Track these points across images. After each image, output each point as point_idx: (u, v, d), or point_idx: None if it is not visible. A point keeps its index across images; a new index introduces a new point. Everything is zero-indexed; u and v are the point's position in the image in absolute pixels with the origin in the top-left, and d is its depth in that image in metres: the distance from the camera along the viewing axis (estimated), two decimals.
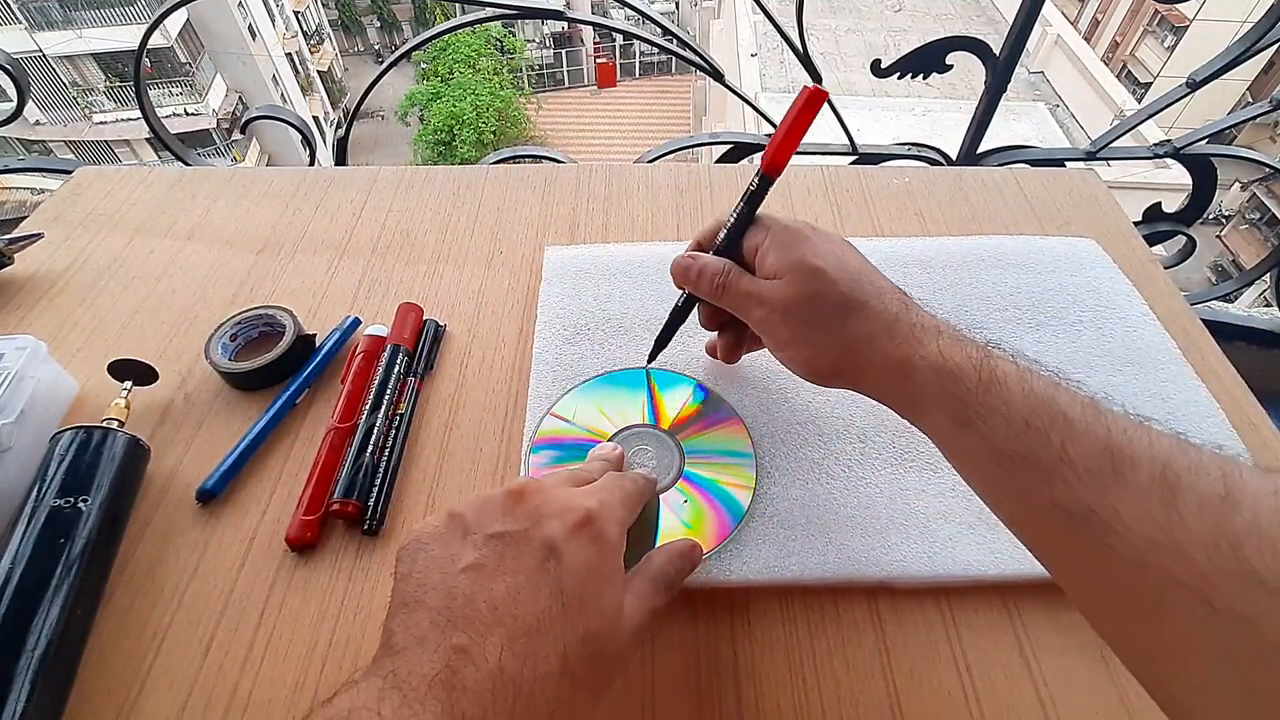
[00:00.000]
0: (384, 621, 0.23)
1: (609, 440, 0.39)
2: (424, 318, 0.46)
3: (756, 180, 0.34)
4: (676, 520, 0.36)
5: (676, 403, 0.41)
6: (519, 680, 0.22)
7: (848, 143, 0.78)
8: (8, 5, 9.18)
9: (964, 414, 0.26)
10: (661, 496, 0.36)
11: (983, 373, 0.26)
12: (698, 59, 0.72)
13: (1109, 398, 0.25)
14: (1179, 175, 0.89)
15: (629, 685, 0.32)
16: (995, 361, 0.27)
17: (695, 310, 0.39)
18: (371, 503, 0.37)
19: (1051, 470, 0.23)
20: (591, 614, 0.24)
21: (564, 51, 14.48)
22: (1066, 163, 0.77)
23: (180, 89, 10.51)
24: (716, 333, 0.40)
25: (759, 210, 0.35)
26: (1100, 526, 0.22)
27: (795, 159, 0.84)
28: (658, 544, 0.34)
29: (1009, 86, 0.72)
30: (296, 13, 12.82)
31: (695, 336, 0.44)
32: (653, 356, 0.41)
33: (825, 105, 0.32)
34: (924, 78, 0.72)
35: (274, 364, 0.42)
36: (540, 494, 0.27)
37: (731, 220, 0.35)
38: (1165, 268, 0.51)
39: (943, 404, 0.27)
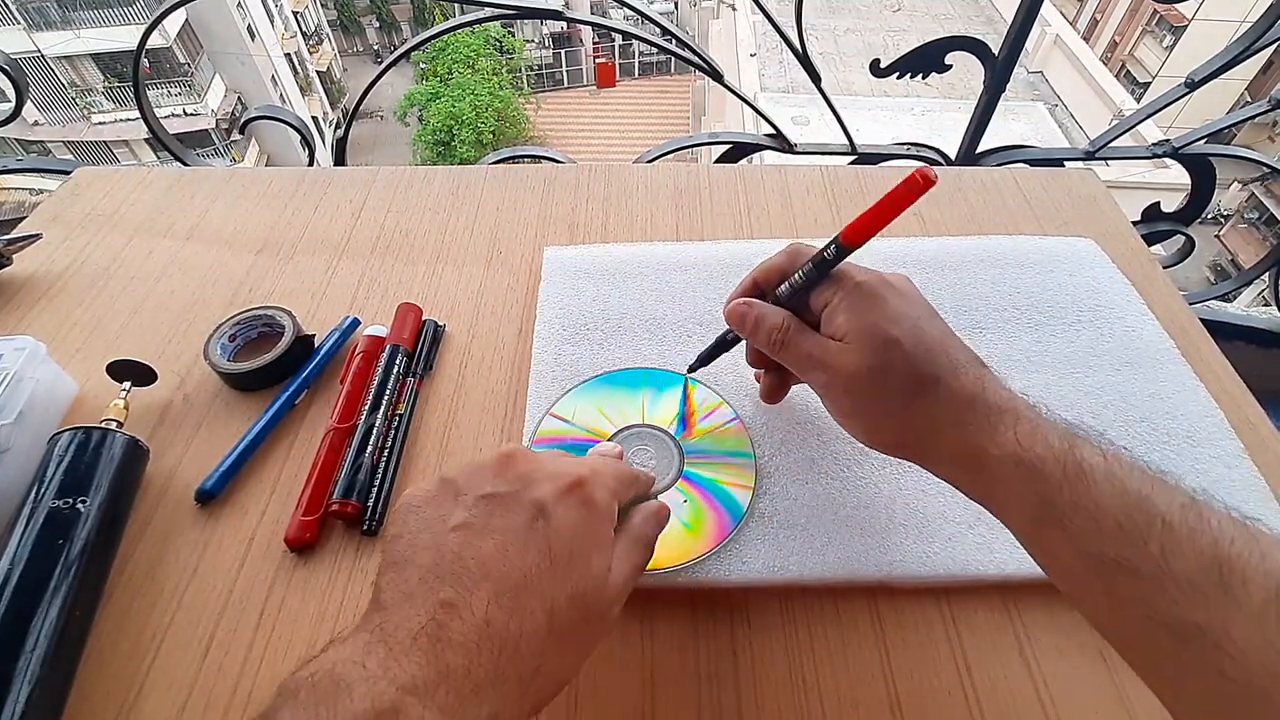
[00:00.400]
0: (374, 579, 0.24)
1: (608, 440, 0.39)
2: (423, 318, 0.46)
3: (833, 249, 0.30)
4: (676, 520, 0.36)
5: (676, 403, 0.41)
6: (505, 634, 0.22)
7: (846, 142, 0.78)
8: (6, 6, 9.17)
9: (1046, 512, 0.24)
10: (661, 497, 0.36)
11: (1067, 466, 0.24)
12: (697, 59, 0.72)
13: (1207, 492, 0.23)
14: (1178, 175, 0.89)
15: (629, 685, 0.32)
16: (1080, 451, 0.25)
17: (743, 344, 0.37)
18: (371, 503, 0.37)
19: (1151, 582, 0.22)
20: (580, 574, 0.24)
21: (563, 51, 14.48)
22: (1065, 162, 0.77)
23: (179, 89, 10.51)
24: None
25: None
26: (1210, 649, 0.20)
27: (793, 159, 0.84)
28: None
29: (1008, 86, 0.72)
30: (295, 13, 12.81)
31: (699, 339, 0.44)
32: (694, 369, 0.40)
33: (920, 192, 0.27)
34: (923, 78, 0.72)
35: (273, 364, 0.42)
36: (531, 459, 0.27)
37: (799, 278, 0.32)
38: (1164, 267, 0.51)
39: (1021, 500, 0.25)
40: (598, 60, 14.57)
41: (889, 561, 0.34)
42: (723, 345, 0.38)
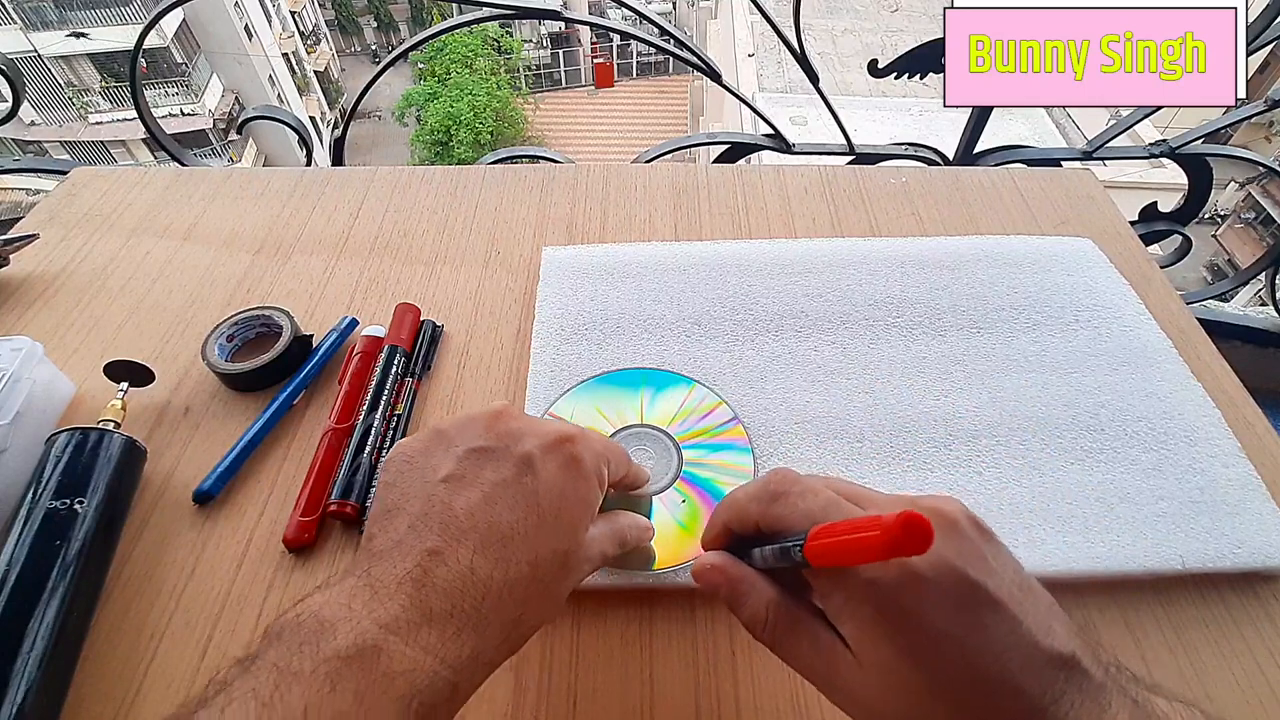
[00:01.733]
0: (365, 526, 0.24)
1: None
2: (421, 318, 0.46)
3: (799, 554, 0.21)
4: (674, 521, 0.36)
5: (675, 403, 0.41)
6: (489, 582, 0.22)
7: (845, 143, 0.78)
8: (4, 6, 9.15)
9: None
10: (659, 497, 0.36)
11: None
12: (695, 59, 0.72)
13: None
14: (1175, 175, 0.89)
15: (629, 685, 0.32)
16: None
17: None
18: (369, 503, 0.37)
19: None
20: (565, 532, 0.25)
21: (561, 51, 14.47)
22: (1063, 162, 0.77)
23: (176, 89, 10.48)
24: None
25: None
26: None
27: (791, 159, 0.84)
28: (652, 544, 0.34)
29: None
30: (293, 13, 12.79)
31: (697, 339, 0.44)
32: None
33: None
34: (921, 78, 0.72)
35: (271, 365, 0.42)
36: (521, 417, 0.27)
37: (770, 556, 0.24)
38: (1161, 267, 0.51)
39: None
40: (596, 60, 14.57)
41: None
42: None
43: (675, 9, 13.82)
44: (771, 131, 0.77)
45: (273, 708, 0.18)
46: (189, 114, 10.53)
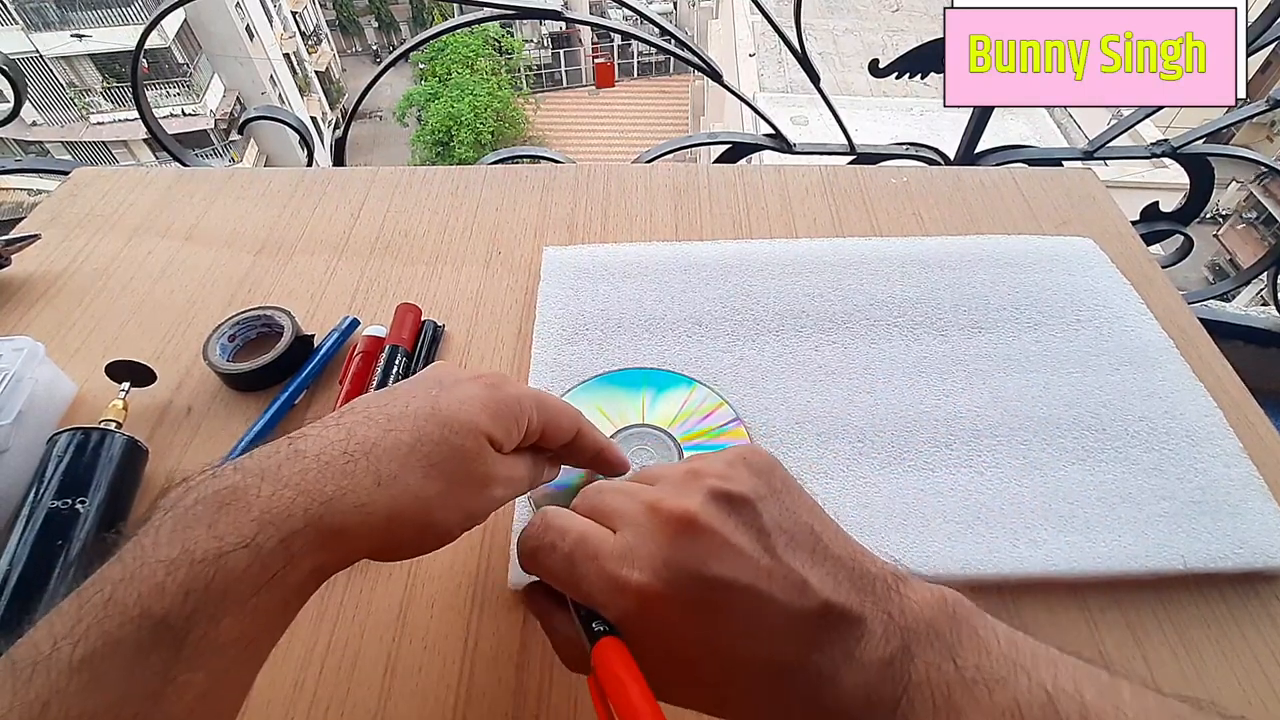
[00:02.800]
0: None
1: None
2: (422, 318, 0.46)
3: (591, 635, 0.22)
4: None
5: (676, 404, 0.41)
6: (365, 440, 0.23)
7: (846, 143, 0.78)
8: (5, 7, 9.16)
9: None
10: None
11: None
12: (695, 59, 0.72)
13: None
14: (1176, 175, 0.89)
15: None
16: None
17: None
18: None
19: None
20: (462, 429, 0.24)
21: (562, 52, 14.47)
22: (1064, 162, 0.77)
23: (178, 89, 10.49)
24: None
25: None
26: None
27: (792, 159, 0.84)
28: None
29: None
30: (294, 13, 12.81)
31: (699, 339, 0.44)
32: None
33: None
34: (922, 78, 0.72)
35: (272, 365, 0.42)
36: (491, 372, 0.28)
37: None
38: (1163, 267, 0.51)
39: None
40: (597, 60, 14.57)
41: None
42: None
43: (676, 9, 13.83)
44: (772, 131, 0.77)
45: (125, 554, 0.20)
46: (190, 114, 10.55)
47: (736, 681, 0.21)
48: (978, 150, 0.78)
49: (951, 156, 0.79)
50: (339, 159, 0.79)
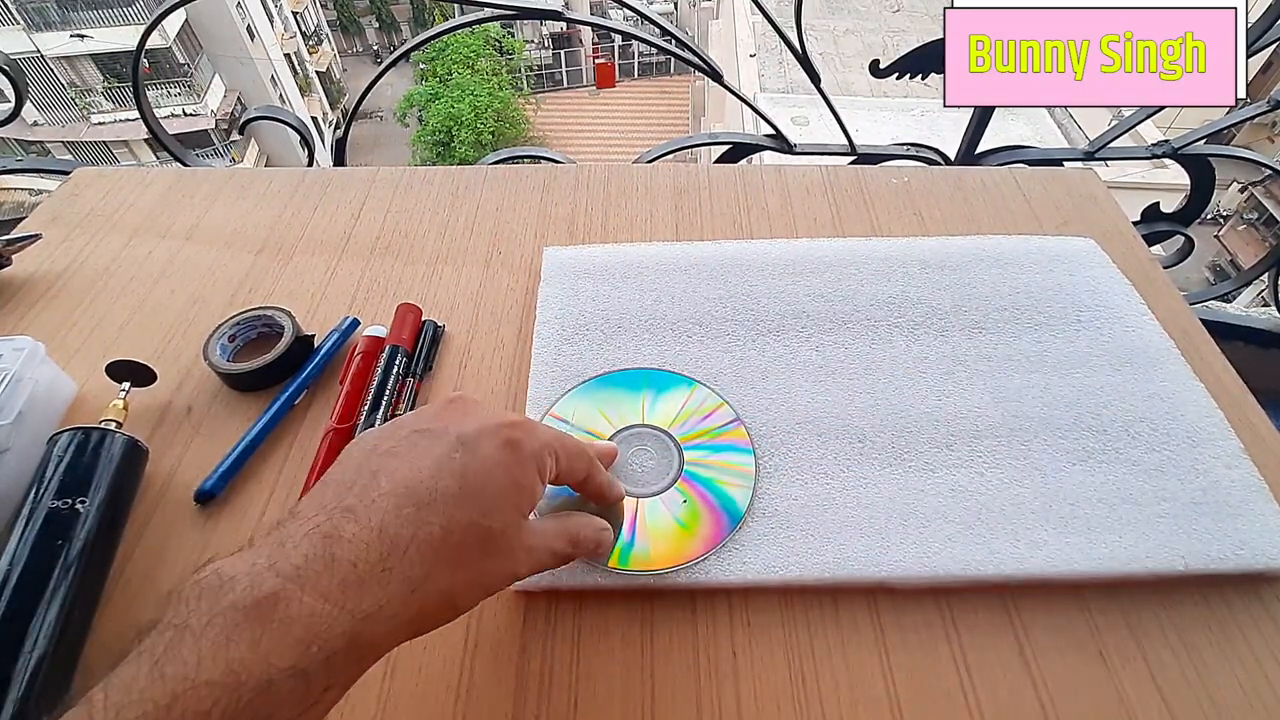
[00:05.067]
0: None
1: (608, 440, 0.39)
2: (423, 318, 0.46)
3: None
4: (675, 521, 0.36)
5: (676, 404, 0.41)
6: (397, 539, 0.22)
7: (846, 143, 0.78)
8: (6, 7, 9.17)
9: None
10: (660, 496, 0.36)
11: None
12: (696, 59, 0.72)
13: None
14: (1177, 175, 0.89)
15: (629, 685, 0.32)
16: None
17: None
18: None
19: None
20: (489, 508, 0.24)
21: (562, 52, 14.47)
22: (1065, 163, 0.77)
23: (178, 89, 10.50)
24: None
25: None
26: None
27: (793, 159, 0.84)
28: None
29: None
30: (295, 13, 12.81)
31: (699, 339, 0.44)
32: None
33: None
34: (923, 78, 0.72)
35: (273, 365, 0.42)
36: (474, 405, 0.28)
37: None
38: (1164, 267, 0.51)
39: None
40: (597, 60, 14.57)
41: (889, 561, 0.34)
42: None
43: (677, 9, 13.83)
44: (773, 132, 0.77)
45: (165, 664, 0.18)
46: (191, 114, 10.55)
47: None
48: (978, 150, 0.78)
49: (952, 157, 0.79)
50: (339, 159, 0.79)
